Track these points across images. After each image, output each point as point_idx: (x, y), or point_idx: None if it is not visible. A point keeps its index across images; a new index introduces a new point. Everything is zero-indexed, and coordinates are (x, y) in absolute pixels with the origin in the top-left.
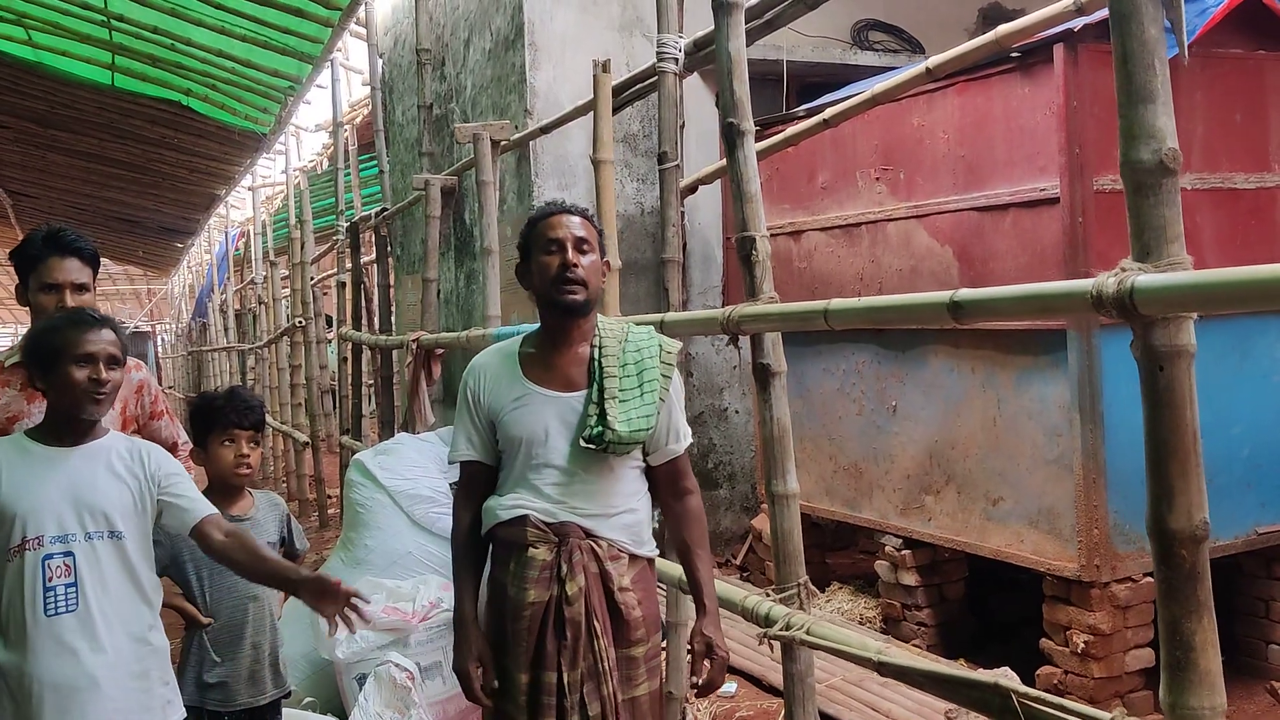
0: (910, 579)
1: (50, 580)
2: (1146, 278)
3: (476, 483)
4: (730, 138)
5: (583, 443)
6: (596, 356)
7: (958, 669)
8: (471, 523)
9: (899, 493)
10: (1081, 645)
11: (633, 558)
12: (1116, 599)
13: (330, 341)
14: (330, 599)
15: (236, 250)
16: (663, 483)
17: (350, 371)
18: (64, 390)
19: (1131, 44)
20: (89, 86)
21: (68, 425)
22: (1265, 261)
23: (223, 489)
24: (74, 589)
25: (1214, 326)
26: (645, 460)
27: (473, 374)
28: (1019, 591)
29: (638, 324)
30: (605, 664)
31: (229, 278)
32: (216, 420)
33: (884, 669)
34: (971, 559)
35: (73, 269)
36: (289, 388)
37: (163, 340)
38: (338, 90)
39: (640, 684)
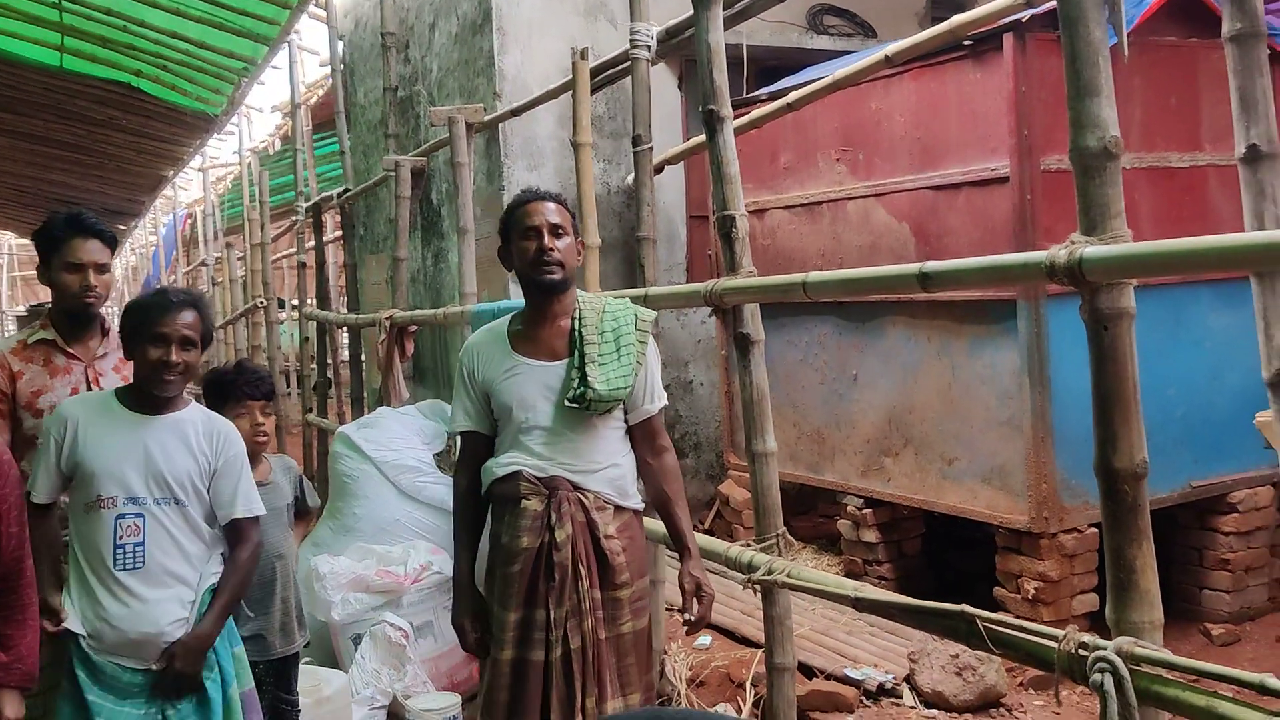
0: (871, 536)
1: (121, 538)
2: (1093, 249)
3: (474, 451)
4: (711, 124)
5: (567, 403)
6: (577, 327)
7: (928, 604)
8: (469, 487)
9: (860, 456)
10: (1032, 591)
11: (618, 509)
12: (1064, 548)
13: (283, 322)
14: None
15: (184, 231)
16: (640, 441)
17: (315, 351)
18: (140, 366)
19: (1079, 44)
20: (36, 68)
21: (148, 397)
22: (1198, 234)
23: None
24: (141, 547)
25: (1150, 296)
26: (625, 420)
27: (467, 353)
28: (973, 548)
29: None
30: (587, 604)
31: (176, 259)
32: (229, 394)
33: (860, 604)
34: (928, 516)
35: (94, 249)
36: None
37: None
38: (295, 72)
39: (625, 622)
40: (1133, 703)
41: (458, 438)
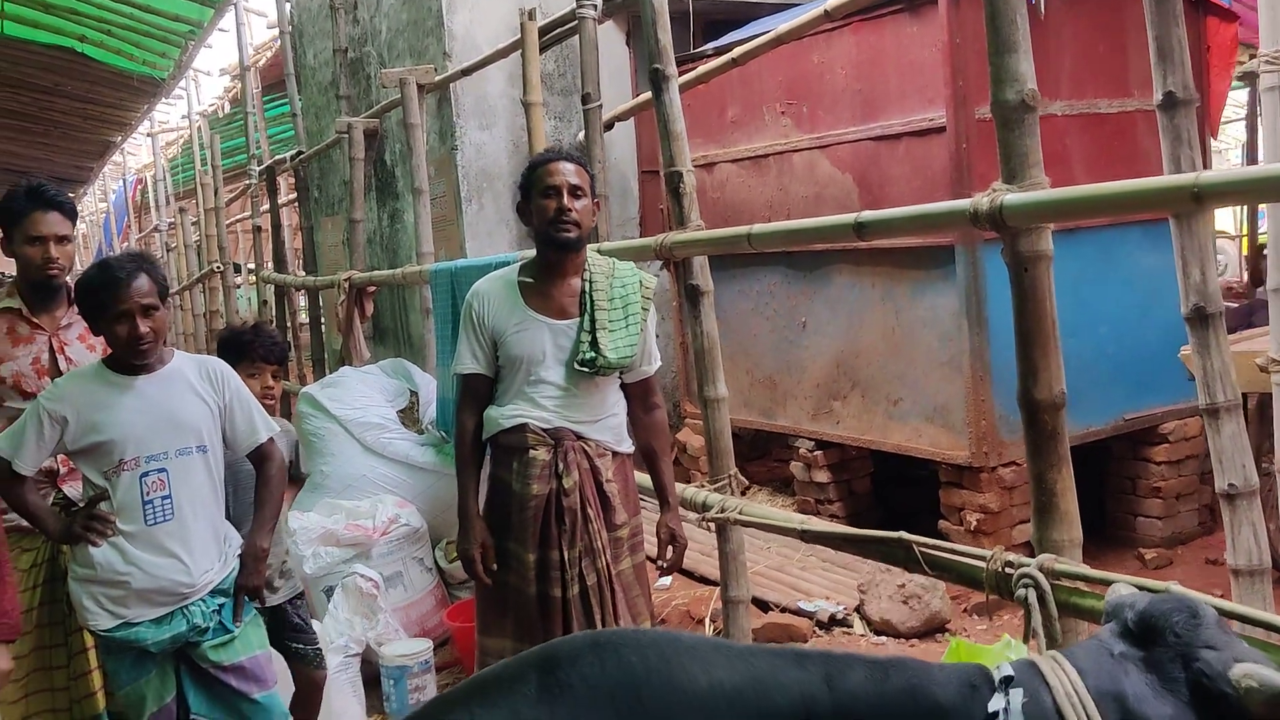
0: (822, 476)
1: (148, 495)
2: (1013, 196)
3: (478, 393)
4: (656, 83)
5: (577, 366)
6: (588, 290)
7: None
8: (475, 428)
9: (810, 400)
10: (974, 523)
11: (615, 454)
12: (1003, 481)
13: (240, 286)
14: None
15: (134, 197)
16: (635, 398)
17: (273, 314)
18: (113, 342)
19: (998, 2)
20: None
21: (131, 364)
22: (1127, 177)
23: None
24: (168, 500)
25: (1082, 238)
26: (621, 377)
27: (476, 298)
28: (918, 485)
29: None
30: (599, 543)
31: (129, 225)
32: (244, 354)
33: (807, 535)
34: (876, 456)
35: (54, 221)
36: (205, 334)
37: None
38: (243, 34)
39: (625, 559)
40: (1054, 613)
41: (458, 377)
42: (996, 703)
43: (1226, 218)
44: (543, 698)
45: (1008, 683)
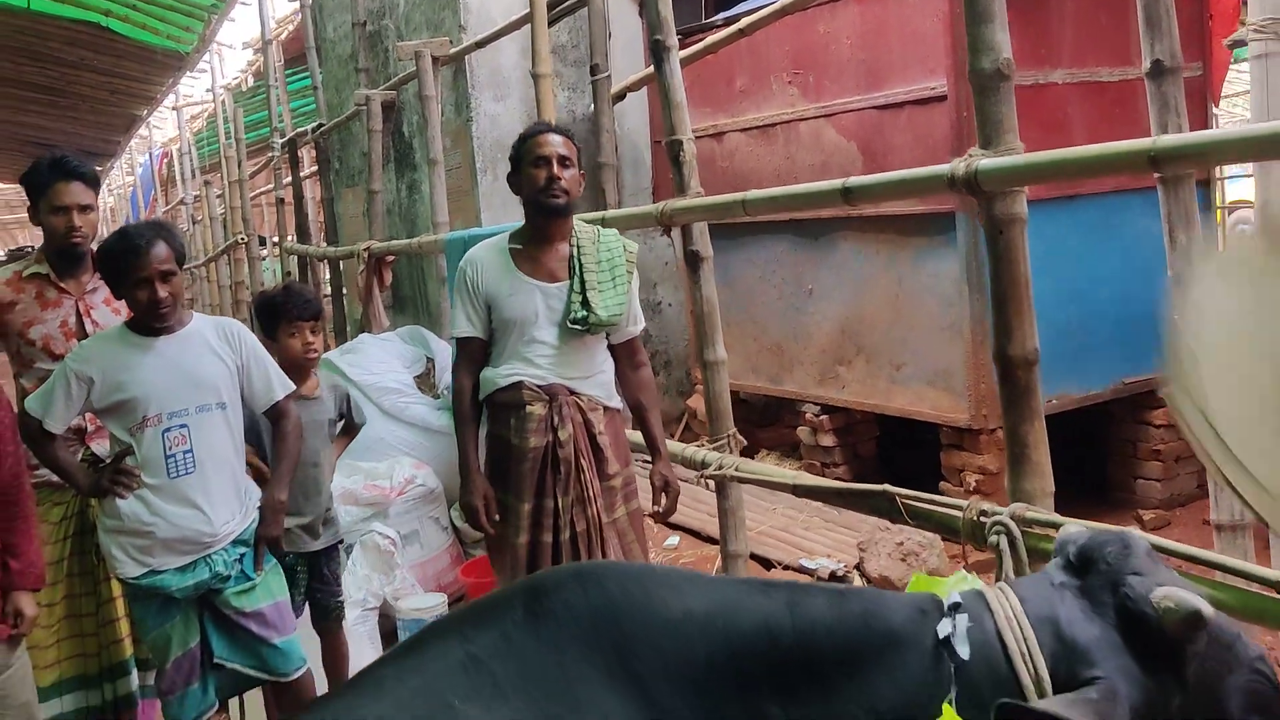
0: (828, 440)
1: (170, 449)
2: (988, 161)
3: (475, 355)
4: (658, 54)
5: (570, 324)
6: (576, 255)
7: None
8: (472, 387)
9: (816, 365)
10: (973, 483)
11: (606, 408)
12: (1002, 443)
13: (265, 258)
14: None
15: (161, 171)
16: (622, 357)
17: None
18: (133, 307)
19: None
20: (4, 9)
21: (152, 326)
22: None
23: (294, 373)
24: (190, 454)
25: (1083, 204)
26: (608, 338)
27: (470, 265)
28: (922, 448)
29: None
30: (590, 492)
31: (155, 198)
32: (279, 315)
33: (799, 490)
34: (880, 419)
35: (77, 191)
36: (231, 305)
37: None
38: (265, 8)
39: (619, 508)
40: (1024, 558)
41: (455, 341)
42: (944, 627)
43: (1250, 187)
44: (529, 621)
45: (955, 609)
